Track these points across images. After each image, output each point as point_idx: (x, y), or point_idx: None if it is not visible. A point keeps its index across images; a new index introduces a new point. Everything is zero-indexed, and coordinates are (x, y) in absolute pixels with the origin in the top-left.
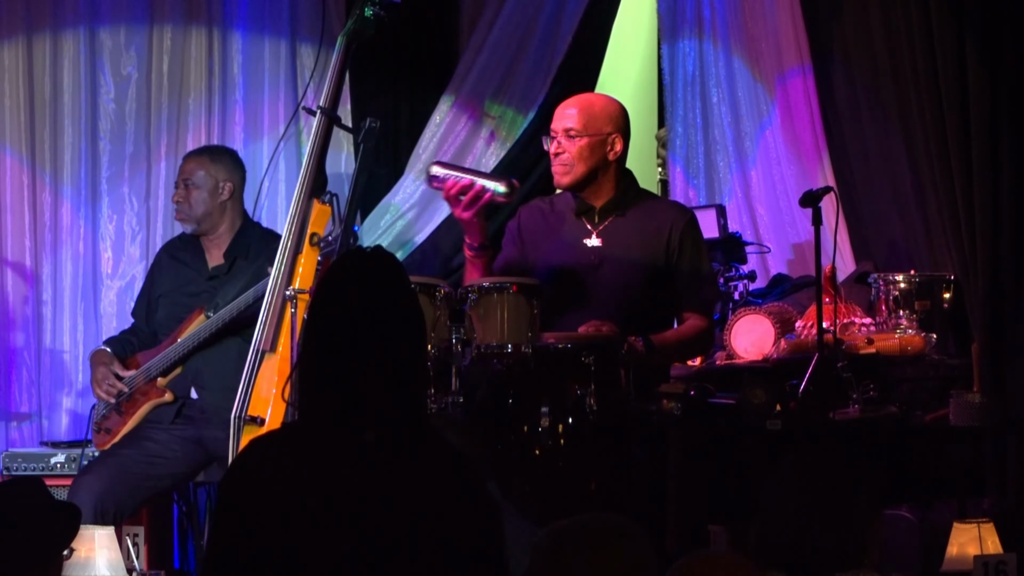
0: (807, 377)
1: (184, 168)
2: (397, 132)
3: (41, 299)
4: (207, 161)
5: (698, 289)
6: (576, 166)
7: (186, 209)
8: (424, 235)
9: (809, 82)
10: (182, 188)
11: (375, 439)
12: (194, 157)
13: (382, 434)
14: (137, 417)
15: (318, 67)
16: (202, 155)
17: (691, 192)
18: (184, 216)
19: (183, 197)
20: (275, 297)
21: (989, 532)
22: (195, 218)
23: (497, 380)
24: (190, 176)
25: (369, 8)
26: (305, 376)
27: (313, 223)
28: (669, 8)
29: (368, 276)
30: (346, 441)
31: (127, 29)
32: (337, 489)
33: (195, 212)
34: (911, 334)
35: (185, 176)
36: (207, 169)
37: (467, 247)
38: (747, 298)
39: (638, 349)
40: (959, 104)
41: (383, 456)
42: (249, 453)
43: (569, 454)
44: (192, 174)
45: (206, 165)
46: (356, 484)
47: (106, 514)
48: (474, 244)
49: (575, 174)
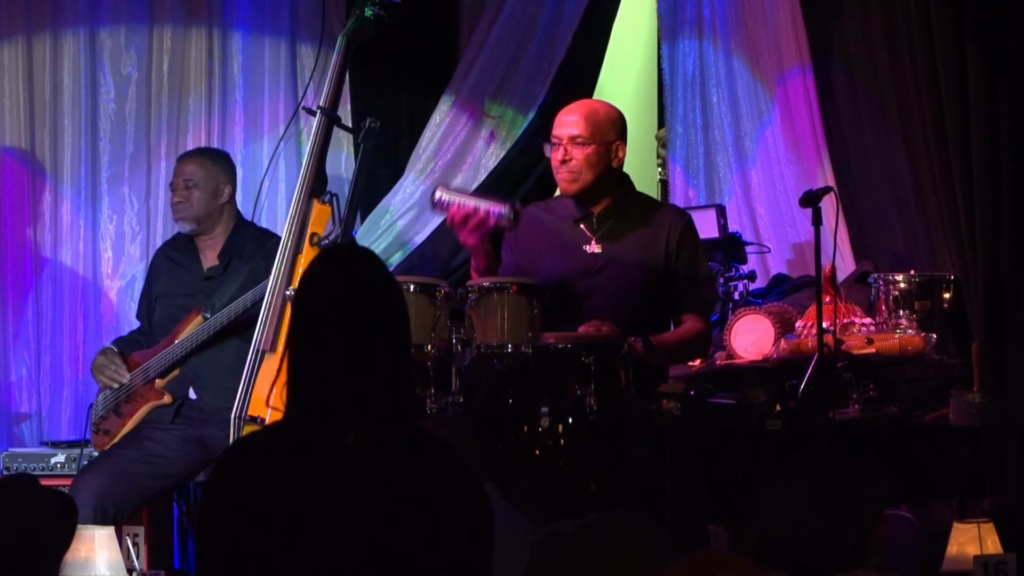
0: (807, 377)
1: (183, 169)
2: (397, 132)
3: (41, 299)
4: (208, 163)
5: (696, 291)
6: (584, 174)
7: (187, 209)
8: (424, 236)
9: (809, 82)
10: (182, 189)
11: (356, 442)
12: (193, 158)
13: (363, 437)
14: (135, 419)
15: (318, 67)
16: (202, 156)
17: (691, 192)
18: (183, 216)
19: (184, 197)
20: (275, 297)
21: (989, 532)
22: (195, 218)
23: (497, 380)
24: (191, 176)
25: (369, 8)
26: (290, 375)
27: (313, 223)
28: (669, 8)
29: (344, 273)
30: (328, 442)
31: (127, 29)
32: (319, 490)
33: (196, 212)
34: (911, 334)
35: (186, 177)
36: (208, 171)
37: (474, 269)
38: (747, 298)
39: (638, 349)
40: (959, 104)
41: (366, 457)
42: (232, 454)
43: (569, 454)
44: (193, 175)
45: (207, 167)
46: (338, 485)
47: (106, 514)
48: (480, 267)
49: (583, 182)
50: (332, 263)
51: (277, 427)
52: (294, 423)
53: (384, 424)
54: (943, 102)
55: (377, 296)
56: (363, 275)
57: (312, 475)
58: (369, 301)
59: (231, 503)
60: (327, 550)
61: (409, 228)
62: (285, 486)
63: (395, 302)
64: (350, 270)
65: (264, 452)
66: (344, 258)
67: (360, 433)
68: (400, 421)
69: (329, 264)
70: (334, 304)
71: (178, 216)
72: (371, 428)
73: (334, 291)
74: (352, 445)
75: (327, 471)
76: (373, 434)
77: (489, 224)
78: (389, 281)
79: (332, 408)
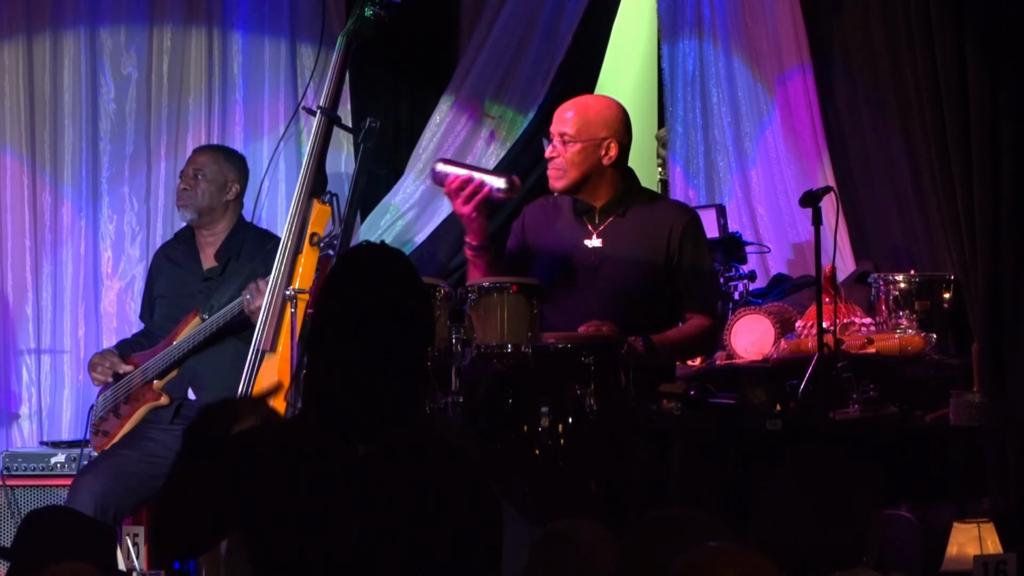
0: (807, 377)
1: (196, 159)
2: (397, 132)
3: (41, 299)
4: (221, 158)
5: (700, 288)
6: (569, 171)
7: (191, 197)
8: (424, 235)
9: (809, 82)
10: (190, 177)
11: (366, 454)
12: (208, 151)
13: (376, 443)
14: (134, 420)
15: (318, 67)
16: (217, 151)
17: (691, 192)
18: (186, 203)
19: (190, 185)
20: (275, 297)
21: (989, 532)
22: (197, 208)
23: (497, 380)
24: (202, 167)
25: (369, 8)
26: (307, 376)
27: (313, 223)
28: (669, 8)
29: (374, 276)
30: (341, 447)
31: (127, 29)
32: (331, 492)
33: (199, 202)
34: (911, 334)
35: (197, 166)
36: (220, 165)
37: (467, 247)
38: (747, 298)
39: (638, 349)
40: (959, 104)
41: (377, 462)
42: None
43: (569, 454)
44: (205, 166)
45: (220, 161)
46: (349, 488)
47: (106, 514)
48: (473, 243)
49: (568, 179)
50: (360, 263)
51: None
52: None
53: (397, 428)
54: (943, 102)
55: (402, 298)
56: (390, 277)
57: (324, 478)
58: (394, 304)
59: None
60: (337, 552)
61: (409, 228)
62: (296, 485)
63: (418, 304)
64: (377, 272)
65: (276, 448)
66: (371, 259)
67: (373, 440)
68: (413, 425)
69: (356, 264)
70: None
71: (181, 203)
72: (384, 433)
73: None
74: (362, 455)
75: (339, 475)
76: (386, 439)
77: (483, 193)
78: (414, 281)
79: (348, 413)
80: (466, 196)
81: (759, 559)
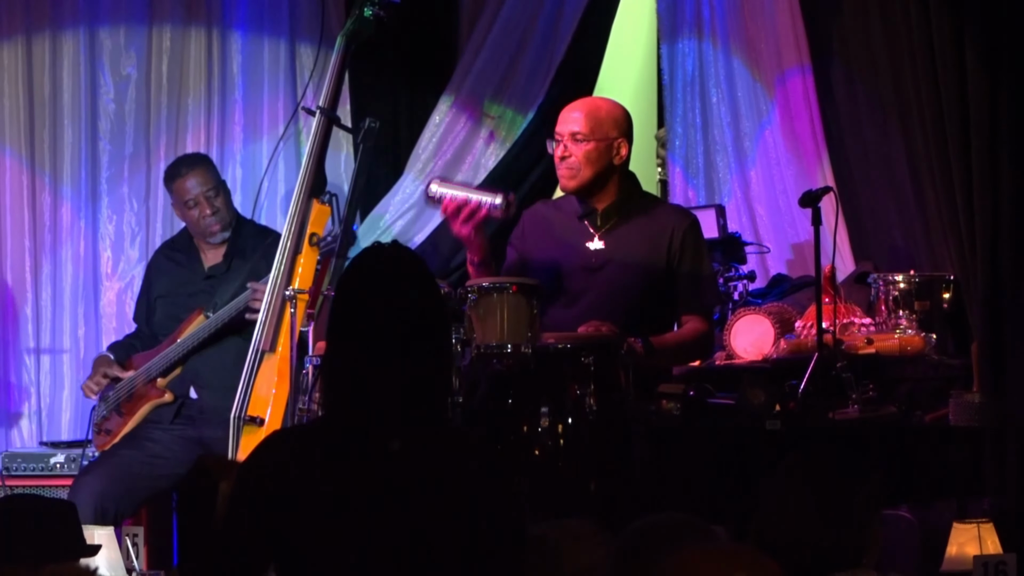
0: (807, 377)
1: (196, 182)
2: (397, 132)
3: (41, 299)
4: (207, 169)
5: (698, 292)
6: (582, 170)
7: (223, 217)
8: (424, 235)
9: (809, 82)
10: (205, 202)
11: (399, 448)
12: (199, 170)
13: (406, 440)
14: (137, 418)
15: (317, 67)
16: (204, 164)
17: (691, 192)
18: (222, 225)
19: (215, 208)
20: (275, 297)
21: (989, 532)
22: (230, 222)
23: (497, 380)
24: (208, 187)
25: (369, 8)
26: (330, 378)
27: (313, 223)
28: (669, 8)
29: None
30: (371, 445)
31: (127, 29)
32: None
33: (228, 216)
34: (911, 334)
35: (204, 190)
36: (216, 176)
37: (469, 263)
38: (747, 298)
39: (637, 350)
40: (959, 104)
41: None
42: (269, 445)
43: (569, 454)
44: (207, 182)
45: (214, 172)
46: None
47: (106, 514)
48: (475, 260)
49: (581, 178)
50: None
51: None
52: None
53: (427, 423)
54: (943, 102)
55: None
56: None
57: (359, 474)
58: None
59: (262, 491)
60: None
61: (409, 228)
62: (321, 481)
63: (437, 305)
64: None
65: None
66: (389, 260)
67: (402, 437)
68: (438, 422)
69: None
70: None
71: (216, 228)
72: (413, 431)
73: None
74: (394, 450)
75: (373, 470)
76: (417, 434)
77: (481, 214)
78: (430, 283)
79: (376, 413)
80: (463, 218)
81: (761, 559)
